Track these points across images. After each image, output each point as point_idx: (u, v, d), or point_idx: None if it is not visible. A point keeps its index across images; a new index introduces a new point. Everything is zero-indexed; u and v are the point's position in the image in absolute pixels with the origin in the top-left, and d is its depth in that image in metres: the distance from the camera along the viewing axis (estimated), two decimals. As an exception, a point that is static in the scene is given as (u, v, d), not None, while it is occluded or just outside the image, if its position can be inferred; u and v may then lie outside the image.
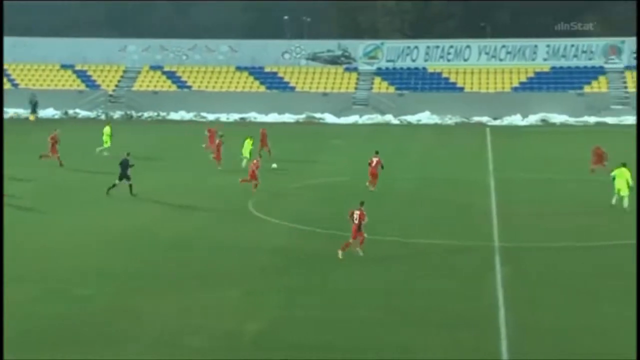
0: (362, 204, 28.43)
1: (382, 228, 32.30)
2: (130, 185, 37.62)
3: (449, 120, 71.30)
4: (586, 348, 20.17)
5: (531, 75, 74.71)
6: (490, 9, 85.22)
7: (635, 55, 73.43)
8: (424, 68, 76.20)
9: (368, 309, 22.86)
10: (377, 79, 75.94)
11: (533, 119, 70.95)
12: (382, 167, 39.48)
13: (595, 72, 74.28)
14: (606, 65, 74.56)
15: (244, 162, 44.68)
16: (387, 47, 77.40)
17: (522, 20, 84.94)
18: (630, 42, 74.60)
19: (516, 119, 70.80)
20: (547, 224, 33.00)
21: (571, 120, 70.17)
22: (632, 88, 72.46)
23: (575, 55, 75.04)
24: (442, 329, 21.42)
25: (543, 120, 70.73)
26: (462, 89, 74.59)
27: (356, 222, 27.88)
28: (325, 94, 74.94)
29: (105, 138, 50.59)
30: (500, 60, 75.71)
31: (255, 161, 39.96)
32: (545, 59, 75.28)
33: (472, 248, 29.25)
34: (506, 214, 34.66)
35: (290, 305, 23.32)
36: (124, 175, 37.73)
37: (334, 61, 77.58)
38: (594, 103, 71.56)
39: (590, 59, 75.00)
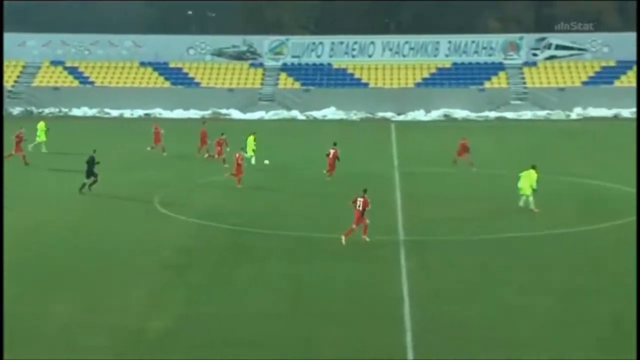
0: (365, 191, 29.39)
1: (288, 223, 32.45)
2: (94, 182, 37.53)
3: (354, 115, 71.92)
4: (488, 337, 20.67)
5: (433, 71, 75.92)
6: (393, 6, 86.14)
7: (533, 51, 75.36)
8: (329, 64, 76.64)
9: (273, 304, 22.96)
10: (283, 75, 76.04)
11: (436, 114, 72.14)
12: (339, 158, 41.06)
13: (495, 68, 75.91)
14: (505, 61, 76.28)
15: (253, 160, 44.55)
16: (292, 42, 77.57)
17: (425, 17, 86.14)
18: (528, 38, 76.49)
19: (419, 114, 71.85)
20: (451, 217, 33.60)
21: (472, 115, 71.57)
22: (530, 84, 74.32)
23: (475, 52, 76.54)
24: (347, 322, 21.66)
25: (445, 116, 71.97)
26: (366, 84, 75.31)
27: (359, 208, 28.85)
28: (230, 90, 74.68)
29: (40, 133, 50.46)
30: (404, 56, 76.70)
31: (238, 154, 40.06)
32: (447, 55, 76.58)
33: (377, 242, 29.60)
34: (411, 208, 35.17)
35: (195, 302, 23.26)
36: (90, 173, 37.59)
37: (239, 57, 77.38)
38: (494, 98, 73.18)
39: (490, 55, 76.60)
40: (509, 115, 71.43)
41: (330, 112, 72.44)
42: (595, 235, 30.44)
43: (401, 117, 71.61)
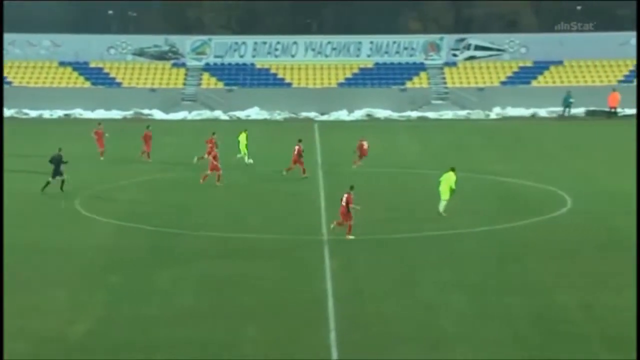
0: (351, 187, 30.35)
1: (210, 223, 32.36)
2: (63, 181, 37.29)
3: (278, 115, 71.93)
4: (410, 334, 20.95)
5: (356, 71, 76.39)
6: (315, 6, 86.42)
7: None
8: (252, 64, 76.49)
9: (194, 305, 22.90)
10: (206, 75, 75.64)
11: (358, 113, 72.59)
12: (301, 155, 41.84)
13: (416, 68, 76.74)
14: (426, 62, 77.19)
15: (246, 159, 44.80)
16: (215, 42, 77.20)
17: (346, 18, 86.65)
18: (448, 38, 77.51)
19: (342, 114, 72.22)
20: (375, 216, 33.87)
21: (395, 115, 72.21)
22: (450, 84, 75.35)
23: (397, 52, 77.26)
24: (271, 322, 21.72)
25: (368, 115, 72.46)
26: (290, 84, 75.39)
27: (343, 204, 29.85)
28: (153, 90, 73.96)
29: None
30: (326, 56, 77.00)
31: (214, 153, 40.08)
32: (369, 55, 77.12)
33: (302, 242, 29.72)
34: (335, 208, 35.30)
35: (115, 304, 23.05)
36: (57, 172, 37.34)
37: (161, 57, 76.66)
38: (416, 98, 73.98)
39: (411, 56, 77.41)
40: (431, 114, 72.29)
41: (254, 112, 72.31)
42: (514, 233, 31.05)
43: (324, 117, 71.87)
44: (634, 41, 75.05)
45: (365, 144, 45.24)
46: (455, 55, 76.98)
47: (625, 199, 35.75)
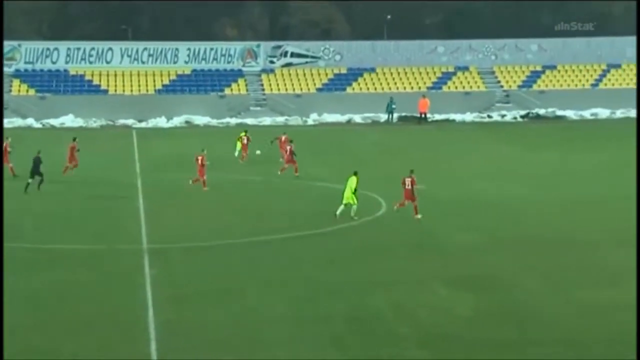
0: (411, 171, 34.56)
1: (25, 234, 31.47)
2: (41, 181, 38.95)
3: (94, 123, 70.50)
4: (232, 339, 21.25)
5: (174, 77, 75.95)
6: (130, 13, 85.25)
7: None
8: (66, 70, 74.60)
9: (13, 317, 22.28)
10: (16, 82, 73.10)
11: (177, 120, 72.22)
12: (295, 154, 44.36)
13: (234, 75, 77.15)
14: (244, 69, 77.77)
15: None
16: (26, 48, 74.76)
17: (163, 24, 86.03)
18: (265, 45, 78.42)
19: (161, 121, 71.66)
20: (195, 223, 33.98)
21: (214, 121, 72.32)
22: (268, 90, 76.26)
23: (214, 59, 77.37)
24: (91, 332, 21.47)
25: (187, 122, 72.22)
26: (106, 91, 74.05)
27: (408, 187, 34.07)
28: None
29: None
30: (143, 62, 76.12)
31: (201, 157, 40.56)
32: (186, 62, 76.83)
33: (120, 251, 29.43)
34: (155, 215, 35.19)
35: None
36: (35, 172, 38.96)
37: None
38: (234, 105, 74.41)
39: (229, 62, 77.76)
40: (249, 121, 72.83)
41: (69, 120, 70.54)
42: (330, 237, 31.90)
43: (142, 124, 71.07)
44: (441, 49, 78.57)
45: (74, 146, 44.02)
46: (272, 62, 77.94)
47: (436, 200, 37.46)
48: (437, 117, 72.70)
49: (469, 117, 73.85)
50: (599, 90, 77.12)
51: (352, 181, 34.17)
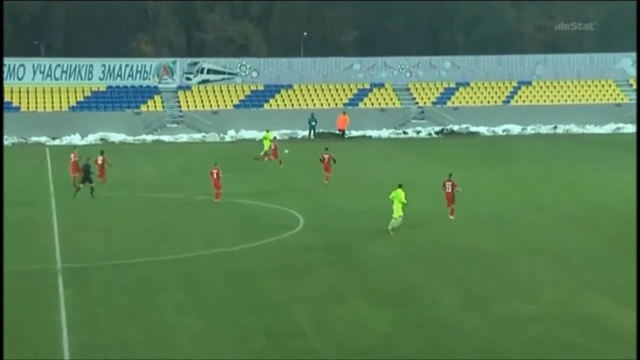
0: (450, 175, 36.45)
1: None
2: (92, 188, 41.32)
3: (6, 141, 69.08)
4: (144, 358, 21.02)
5: (88, 94, 75.01)
6: (42, 29, 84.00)
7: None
8: (-24, 87, 73.05)
9: None
10: None
11: (92, 137, 71.32)
12: (334, 161, 46.28)
13: (150, 92, 76.56)
14: (160, 85, 77.23)
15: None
16: None
17: (76, 40, 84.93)
18: (181, 62, 78.03)
19: (75, 139, 70.63)
20: (112, 241, 33.52)
21: (130, 138, 71.61)
22: (185, 107, 75.86)
23: (130, 75, 76.69)
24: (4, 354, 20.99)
25: (102, 139, 71.36)
26: (18, 108, 72.65)
27: (449, 190, 36.12)
28: None
29: None
30: (56, 79, 74.95)
31: (216, 170, 41.43)
32: (101, 79, 75.98)
33: (33, 271, 28.83)
34: (69, 235, 34.58)
35: None
36: (86, 179, 41.18)
37: None
38: (151, 122, 73.83)
39: (145, 79, 77.16)
40: (166, 138, 72.36)
41: (-21, 138, 68.98)
42: (249, 253, 31.82)
43: (56, 142, 69.95)
44: (357, 66, 79.38)
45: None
46: (189, 79, 77.65)
47: (355, 216, 37.77)
48: (354, 133, 73.36)
49: (385, 133, 74.74)
50: (511, 106, 78.91)
51: (400, 194, 33.94)
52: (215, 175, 41.81)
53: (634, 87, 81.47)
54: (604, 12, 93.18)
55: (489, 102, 79.15)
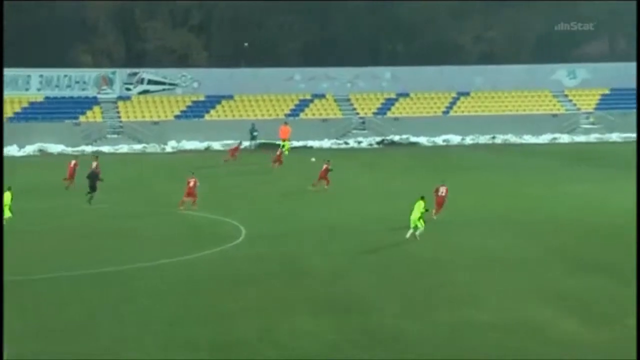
0: (443, 181, 38.77)
1: None
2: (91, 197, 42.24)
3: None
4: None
5: (26, 105, 74.01)
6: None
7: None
8: None
9: None
10: None
11: (30, 149, 70.40)
12: (331, 170, 47.85)
13: (89, 102, 75.82)
14: (100, 96, 76.51)
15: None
16: None
17: (13, 50, 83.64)
18: (121, 72, 77.43)
19: (13, 150, 69.62)
20: (52, 254, 33.01)
21: (68, 149, 70.77)
22: (125, 118, 75.23)
23: (68, 86, 75.88)
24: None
25: (40, 150, 70.42)
26: (-48, 119, 71.34)
27: (442, 194, 38.31)
28: None
29: None
30: (-7, 90, 73.88)
31: (193, 180, 41.86)
32: (39, 89, 75.06)
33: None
34: (7, 247, 33.93)
35: None
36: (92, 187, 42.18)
37: None
38: (90, 132, 73.07)
39: (83, 90, 76.38)
40: (105, 148, 71.68)
41: None
42: (195, 264, 31.62)
43: (-8, 153, 68.79)
44: (298, 77, 79.61)
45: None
46: (128, 89, 77.12)
47: (298, 225, 37.82)
48: (296, 143, 73.47)
49: (326, 143, 75.06)
50: (450, 117, 79.86)
51: (420, 205, 34.34)
52: (191, 184, 42.00)
53: (570, 98, 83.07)
54: (541, 23, 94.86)
55: (428, 112, 79.96)
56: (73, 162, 49.96)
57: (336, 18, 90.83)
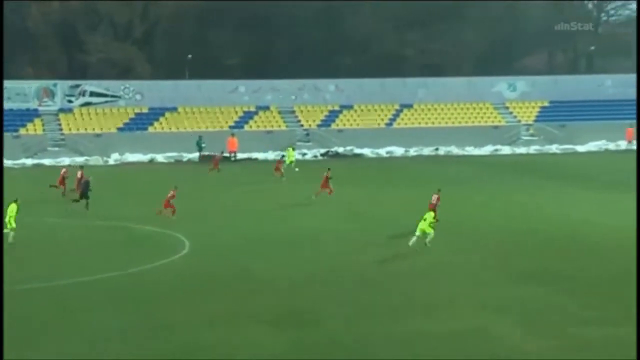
0: (439, 190, 39.65)
1: None
2: (87, 203, 43.96)
3: None
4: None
5: (-36, 117, 72.75)
6: None
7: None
8: None
9: None
10: None
11: (-31, 162, 69.16)
12: (330, 178, 48.22)
13: (30, 115, 74.84)
14: (40, 108, 75.56)
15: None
16: None
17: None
18: (62, 84, 76.59)
19: (-49, 163, 68.33)
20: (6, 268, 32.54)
21: (9, 162, 69.63)
22: (66, 130, 74.39)
23: (9, 97, 74.79)
24: None
25: (-21, 163, 69.25)
26: None
27: (433, 202, 38.58)
28: None
29: None
30: None
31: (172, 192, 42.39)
32: (-22, 101, 73.85)
33: None
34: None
35: None
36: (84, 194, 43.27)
37: None
38: (31, 145, 72.12)
39: (24, 102, 75.37)
40: (47, 161, 70.80)
41: None
42: (141, 277, 31.37)
43: None
44: (242, 89, 79.64)
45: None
46: (70, 101, 76.35)
47: (246, 237, 37.80)
48: (240, 155, 73.45)
49: (271, 155, 75.05)
50: (393, 129, 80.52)
51: (430, 215, 35.35)
52: (170, 194, 42.46)
53: (510, 110, 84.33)
54: (481, 37, 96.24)
55: (372, 124, 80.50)
56: (63, 170, 52.23)
57: (280, 30, 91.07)
